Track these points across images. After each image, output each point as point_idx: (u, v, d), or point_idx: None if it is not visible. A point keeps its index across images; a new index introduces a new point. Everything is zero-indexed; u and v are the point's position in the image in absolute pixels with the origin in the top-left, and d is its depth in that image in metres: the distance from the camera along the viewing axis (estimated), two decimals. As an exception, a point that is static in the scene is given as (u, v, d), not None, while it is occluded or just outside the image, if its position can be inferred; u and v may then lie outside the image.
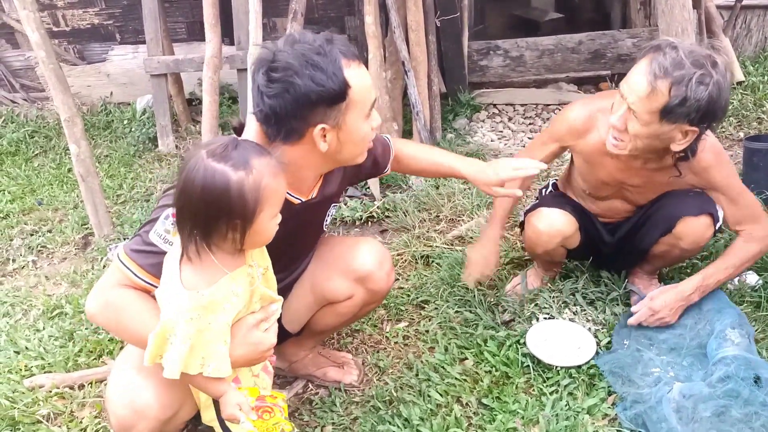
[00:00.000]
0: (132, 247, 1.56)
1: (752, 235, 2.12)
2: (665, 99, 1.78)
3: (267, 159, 1.39)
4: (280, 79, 1.48)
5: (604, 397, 2.05)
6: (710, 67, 1.76)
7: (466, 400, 2.10)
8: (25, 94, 5.21)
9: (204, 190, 1.32)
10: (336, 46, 1.53)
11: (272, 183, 1.37)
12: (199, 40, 4.47)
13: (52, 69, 3.07)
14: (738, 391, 1.87)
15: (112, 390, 1.58)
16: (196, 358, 1.40)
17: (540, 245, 2.32)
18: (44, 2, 4.81)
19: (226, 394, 1.47)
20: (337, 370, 2.25)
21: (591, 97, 2.29)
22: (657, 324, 2.20)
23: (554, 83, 4.63)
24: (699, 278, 2.17)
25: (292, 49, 1.50)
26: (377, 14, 3.64)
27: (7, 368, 2.41)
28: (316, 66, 1.48)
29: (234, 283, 1.43)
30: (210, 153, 1.34)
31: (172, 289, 1.41)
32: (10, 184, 4.07)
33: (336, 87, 1.51)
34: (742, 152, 3.16)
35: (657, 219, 2.19)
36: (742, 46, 4.63)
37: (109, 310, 1.55)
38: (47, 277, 3.12)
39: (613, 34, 4.48)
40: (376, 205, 3.34)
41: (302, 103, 1.50)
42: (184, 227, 1.39)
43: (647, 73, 1.80)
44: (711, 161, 2.03)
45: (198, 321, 1.38)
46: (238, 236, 1.38)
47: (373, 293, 1.98)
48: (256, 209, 1.35)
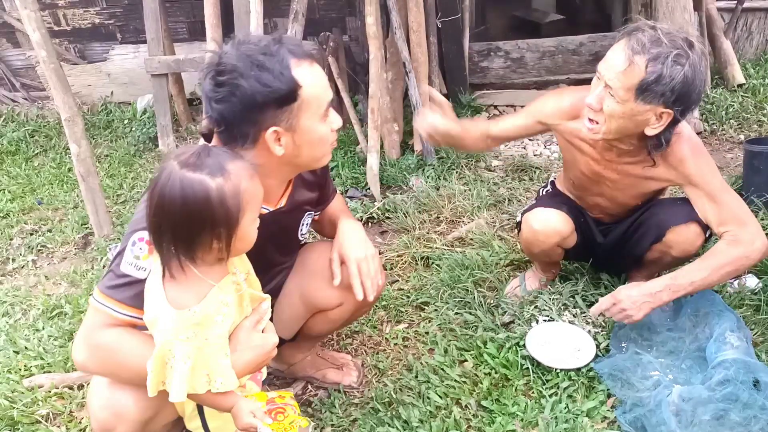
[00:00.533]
0: (106, 284, 1.49)
1: (737, 237, 1.99)
2: (642, 75, 1.80)
3: (241, 162, 1.36)
4: (226, 83, 1.43)
5: (604, 400, 2.05)
6: (687, 47, 1.79)
7: (466, 402, 2.09)
8: (25, 93, 5.21)
9: (185, 203, 1.27)
10: (285, 45, 1.47)
11: (250, 186, 1.35)
12: (200, 40, 4.47)
13: (53, 68, 3.07)
14: (737, 395, 1.87)
15: (92, 394, 1.57)
16: (201, 376, 1.37)
17: (536, 245, 2.32)
18: (45, 1, 4.81)
19: (236, 404, 1.43)
20: (336, 371, 2.25)
21: (578, 87, 2.29)
22: (620, 318, 2.09)
23: (555, 85, 4.63)
24: (669, 277, 2.07)
25: (237, 51, 1.44)
26: (378, 15, 3.63)
27: (7, 368, 2.41)
28: (262, 66, 1.43)
29: (222, 294, 1.40)
30: (183, 163, 1.29)
31: (160, 311, 1.36)
32: (10, 184, 4.07)
33: (284, 87, 1.45)
34: (742, 155, 3.16)
35: (647, 227, 2.20)
36: (743, 49, 4.63)
37: (99, 355, 1.48)
38: (47, 277, 3.12)
39: (614, 35, 4.42)
40: (376, 206, 3.34)
41: (250, 105, 1.44)
42: (162, 244, 1.34)
43: (625, 49, 1.82)
44: (686, 153, 2.00)
45: (194, 339, 1.34)
46: (223, 245, 1.34)
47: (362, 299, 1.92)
48: (238, 215, 1.32)
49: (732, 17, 4.47)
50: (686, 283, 2.02)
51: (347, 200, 3.45)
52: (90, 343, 1.49)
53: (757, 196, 2.89)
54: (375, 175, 3.49)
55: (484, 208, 3.25)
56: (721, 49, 4.30)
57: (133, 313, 1.48)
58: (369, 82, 3.67)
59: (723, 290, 2.41)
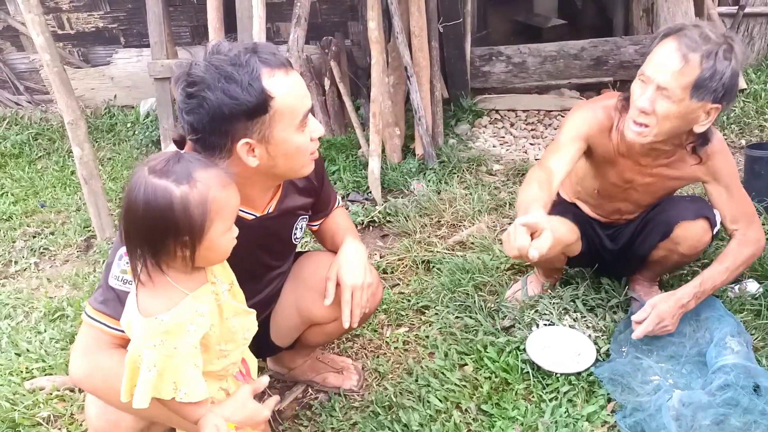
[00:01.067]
0: (97, 299, 1.49)
1: (746, 237, 2.12)
2: (697, 71, 1.80)
3: (213, 171, 1.32)
4: (194, 94, 1.39)
5: (604, 404, 2.05)
6: (732, 44, 1.81)
7: (466, 406, 2.10)
8: (29, 97, 5.23)
9: (147, 208, 1.26)
10: (257, 54, 1.42)
11: (220, 195, 1.31)
12: (203, 43, 4.49)
13: (57, 72, 3.09)
14: (737, 400, 1.87)
15: (89, 402, 1.57)
16: (167, 383, 1.34)
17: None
18: (49, 5, 4.83)
19: (204, 417, 1.41)
20: (336, 375, 2.26)
21: (594, 99, 2.27)
22: (660, 332, 2.17)
23: (556, 89, 4.63)
24: (696, 284, 2.13)
25: (207, 62, 1.41)
26: (380, 20, 3.65)
27: (8, 370, 2.42)
28: (230, 78, 1.38)
29: (197, 303, 1.36)
30: (151, 169, 1.27)
31: (132, 317, 1.35)
32: (13, 186, 4.08)
33: (252, 99, 1.40)
34: (743, 160, 3.16)
35: (655, 224, 2.20)
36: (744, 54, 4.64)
37: (98, 376, 1.47)
38: (49, 280, 3.13)
39: (616, 40, 4.49)
40: (377, 210, 3.34)
41: (217, 117, 1.40)
42: (132, 249, 1.33)
43: (677, 49, 1.80)
44: (717, 148, 2.05)
45: (162, 347, 1.32)
46: (188, 253, 1.31)
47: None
48: (204, 224, 1.29)
49: (733, 22, 4.47)
50: (710, 288, 2.14)
51: (348, 204, 3.46)
52: (90, 362, 1.47)
53: (758, 201, 2.89)
54: (376, 178, 3.49)
55: (485, 212, 3.26)
56: (722, 54, 4.31)
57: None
58: (371, 86, 3.68)
59: (723, 295, 2.42)
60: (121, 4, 4.85)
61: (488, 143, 4.10)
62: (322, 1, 4.62)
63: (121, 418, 1.50)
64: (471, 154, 3.87)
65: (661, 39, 1.87)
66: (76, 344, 1.53)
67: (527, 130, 4.28)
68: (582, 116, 2.11)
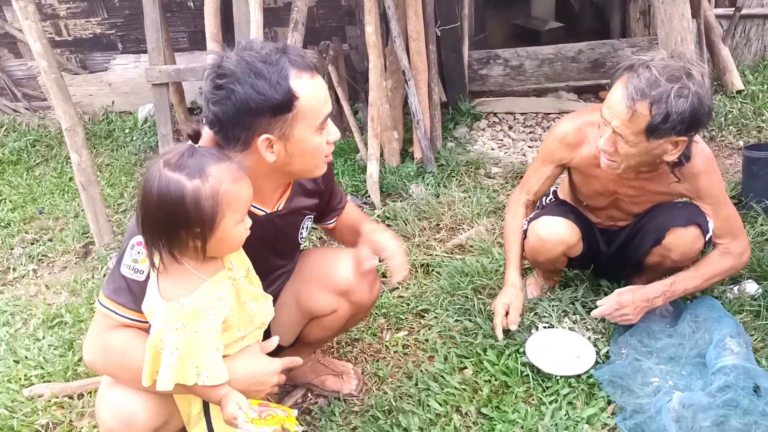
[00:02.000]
0: (109, 288, 1.55)
1: (729, 250, 2.16)
2: (647, 119, 1.81)
3: (226, 164, 1.37)
4: (223, 86, 1.45)
5: (604, 406, 2.04)
6: (686, 79, 1.78)
7: (466, 410, 2.09)
8: (26, 103, 5.23)
9: (160, 201, 1.32)
10: (287, 55, 1.49)
11: (232, 188, 1.36)
12: (200, 49, 4.49)
13: (54, 78, 3.09)
14: (737, 401, 1.87)
15: (100, 402, 1.58)
16: (190, 368, 1.40)
17: (543, 253, 2.32)
18: (47, 12, 4.84)
19: (226, 396, 1.46)
20: (336, 379, 2.25)
21: (576, 112, 2.33)
22: (620, 320, 2.22)
23: (554, 92, 4.64)
24: (667, 283, 2.19)
25: (238, 57, 1.47)
26: (378, 24, 3.65)
27: (7, 377, 2.42)
28: (259, 74, 1.45)
29: (216, 288, 1.42)
30: (166, 163, 1.33)
31: (154, 302, 1.41)
32: (11, 193, 4.08)
33: (279, 97, 1.46)
34: (741, 161, 3.16)
35: (647, 230, 2.21)
36: (741, 55, 4.64)
37: (107, 356, 1.54)
38: (47, 286, 3.12)
39: (613, 43, 4.50)
40: (376, 214, 3.34)
41: (243, 110, 1.46)
42: (147, 238, 1.38)
43: (625, 98, 1.82)
44: (701, 167, 2.05)
45: (183, 331, 1.37)
46: (199, 244, 1.37)
47: (357, 306, 1.95)
48: (215, 217, 1.34)
49: (730, 24, 4.48)
50: (680, 290, 2.20)
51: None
52: (99, 344, 1.54)
53: (756, 202, 2.90)
54: (375, 182, 3.49)
55: (483, 215, 3.25)
56: (719, 55, 4.31)
57: (135, 317, 1.52)
58: (369, 91, 3.68)
59: (722, 296, 2.41)
60: (119, 10, 4.86)
61: (486, 146, 4.10)
62: (320, 5, 4.63)
63: (135, 418, 1.51)
64: (469, 157, 3.86)
65: (619, 75, 1.87)
66: (89, 331, 1.59)
67: (525, 132, 4.28)
68: (554, 137, 2.23)
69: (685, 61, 1.83)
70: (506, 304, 2.30)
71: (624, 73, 1.86)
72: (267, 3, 4.34)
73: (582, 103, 4.49)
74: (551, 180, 2.34)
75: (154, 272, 1.42)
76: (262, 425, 1.44)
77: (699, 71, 1.83)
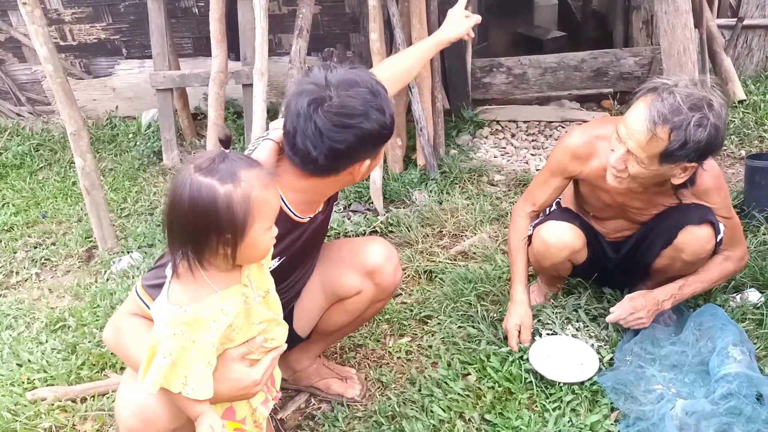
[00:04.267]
0: (149, 282, 1.57)
1: (731, 255, 2.23)
2: (665, 144, 1.83)
3: (257, 171, 1.36)
4: (349, 124, 1.53)
5: (607, 413, 2.05)
6: (707, 109, 1.80)
7: (469, 416, 2.09)
8: (30, 108, 5.24)
9: (191, 205, 1.29)
10: (380, 84, 1.59)
11: (262, 194, 1.35)
12: (205, 55, 4.50)
13: (59, 83, 3.10)
14: (740, 409, 1.87)
15: (121, 400, 1.57)
16: (179, 376, 1.37)
17: (548, 258, 2.32)
18: (52, 17, 4.85)
19: (202, 415, 1.43)
20: (340, 383, 2.26)
21: (585, 125, 2.33)
22: (633, 324, 2.25)
23: (557, 100, 4.66)
24: (675, 287, 2.24)
25: (354, 92, 1.54)
26: (382, 31, 3.67)
27: (10, 381, 2.42)
28: (379, 109, 1.55)
29: (224, 302, 1.39)
30: (197, 168, 1.31)
31: (160, 304, 1.40)
32: (14, 197, 4.09)
33: (390, 125, 1.59)
34: (743, 170, 3.17)
35: (659, 230, 2.21)
36: (743, 65, 4.66)
37: (115, 335, 1.57)
38: (50, 290, 3.13)
39: (616, 52, 4.51)
40: (379, 220, 3.35)
41: (366, 144, 1.57)
42: (173, 243, 1.37)
43: (646, 120, 1.83)
44: (711, 185, 2.10)
45: (181, 337, 1.35)
46: (229, 251, 1.34)
47: (381, 288, 2.01)
48: (246, 222, 1.32)
49: (732, 34, 4.50)
50: (689, 293, 2.26)
51: (350, 214, 3.46)
52: (116, 324, 1.59)
53: (759, 211, 2.91)
54: (378, 189, 3.50)
55: (486, 222, 3.26)
56: (721, 65, 4.33)
57: None
58: (372, 98, 3.69)
59: (725, 305, 2.42)
60: (124, 15, 4.88)
61: (489, 154, 4.11)
62: (324, 12, 4.65)
63: (155, 417, 1.50)
64: (472, 164, 3.88)
65: (642, 95, 1.89)
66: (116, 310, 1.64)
67: (528, 140, 4.30)
68: (564, 150, 2.23)
69: (707, 91, 1.85)
70: (518, 325, 2.31)
71: (647, 94, 1.87)
72: (272, 10, 4.36)
73: (584, 111, 4.50)
74: (558, 192, 2.34)
75: (173, 277, 1.41)
76: None
77: (719, 102, 1.84)
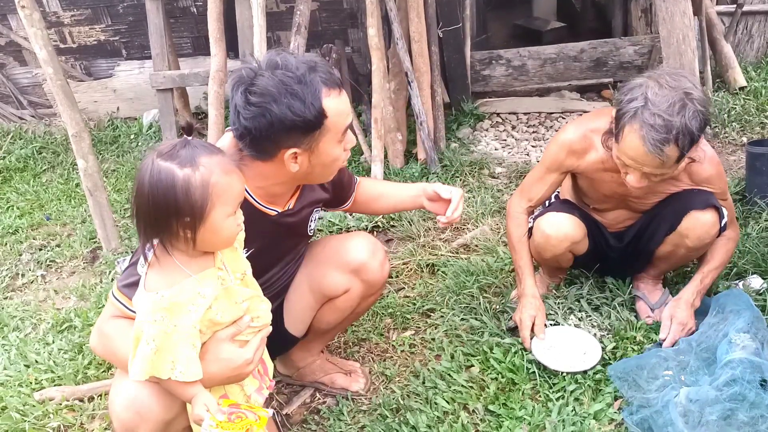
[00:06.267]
0: (123, 282, 1.59)
1: (731, 236, 2.28)
2: (677, 153, 1.87)
3: (218, 157, 1.40)
4: (258, 104, 1.52)
5: (611, 402, 2.05)
6: (689, 103, 1.83)
7: (473, 407, 2.10)
8: (32, 111, 5.26)
9: (151, 189, 1.34)
10: (318, 74, 1.57)
11: (222, 180, 1.38)
12: (204, 54, 4.52)
13: (60, 85, 3.11)
14: (744, 395, 1.87)
15: (114, 395, 1.59)
16: (165, 361, 1.40)
17: (548, 250, 2.33)
18: (51, 20, 4.87)
19: (196, 396, 1.46)
20: (344, 377, 2.27)
21: (578, 119, 2.34)
22: (685, 335, 2.23)
23: (557, 91, 4.65)
24: (697, 282, 2.26)
25: (273, 75, 1.53)
26: (380, 26, 3.67)
27: (18, 381, 2.44)
28: (295, 95, 1.52)
29: (200, 285, 1.43)
30: (159, 153, 1.37)
31: (139, 293, 1.44)
32: (18, 200, 4.11)
33: (312, 117, 1.55)
34: (744, 157, 3.17)
35: (662, 217, 2.22)
36: (743, 52, 4.64)
37: (102, 341, 1.60)
38: (56, 291, 3.15)
39: (615, 41, 4.51)
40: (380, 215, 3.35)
41: (277, 128, 1.54)
42: (139, 229, 1.41)
43: (649, 151, 1.85)
44: (711, 172, 2.13)
45: (162, 323, 1.39)
46: (189, 234, 1.38)
47: (369, 284, 2.01)
48: (205, 206, 1.36)
49: (732, 21, 4.48)
50: (708, 282, 2.28)
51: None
52: (99, 330, 1.61)
53: (761, 197, 2.91)
54: (379, 184, 3.51)
55: (488, 214, 3.27)
56: (721, 52, 4.31)
57: None
58: (372, 93, 3.70)
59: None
60: (122, 16, 4.90)
61: (490, 146, 4.11)
62: (322, 9, 4.65)
63: (148, 410, 1.52)
64: (473, 157, 3.88)
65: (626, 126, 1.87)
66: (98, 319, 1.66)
67: (529, 132, 4.30)
68: (560, 145, 2.22)
69: (677, 83, 1.85)
70: (532, 317, 2.28)
71: (629, 122, 1.87)
72: (270, 7, 4.37)
73: (585, 102, 4.50)
74: (554, 187, 2.34)
75: (149, 266, 1.44)
76: (227, 429, 1.42)
77: (692, 84, 1.87)
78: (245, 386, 1.58)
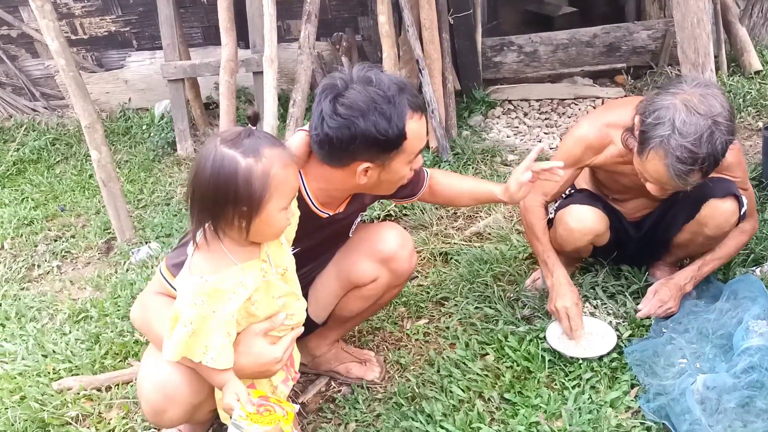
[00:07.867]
0: (173, 261, 1.61)
1: (746, 228, 2.25)
2: (700, 176, 1.86)
3: (279, 149, 1.41)
4: (345, 115, 1.56)
5: (627, 389, 2.05)
6: (716, 132, 1.78)
7: (488, 395, 2.11)
8: (45, 103, 5.28)
9: (212, 174, 1.35)
10: (406, 96, 1.61)
11: (281, 173, 1.39)
12: (214, 44, 4.51)
13: (72, 77, 3.12)
14: (762, 382, 1.86)
15: (143, 377, 1.61)
16: (199, 345, 1.42)
17: (571, 242, 2.31)
18: (62, 11, 4.88)
19: (227, 383, 1.47)
20: (359, 366, 2.27)
21: (593, 113, 2.32)
22: (664, 314, 2.25)
23: (569, 77, 4.61)
24: (695, 268, 2.26)
25: (365, 90, 1.57)
26: (390, 14, 3.65)
27: (36, 371, 2.46)
28: (383, 114, 1.57)
29: (243, 274, 1.44)
30: (223, 140, 1.37)
31: (182, 275, 1.46)
32: (33, 191, 4.13)
33: (394, 137, 1.60)
34: (761, 142, 3.13)
35: (681, 205, 2.19)
36: (759, 35, 4.58)
37: (141, 314, 1.63)
38: (72, 282, 3.17)
39: (628, 26, 4.46)
40: (393, 203, 3.35)
41: (358, 142, 1.59)
42: (193, 212, 1.42)
43: (673, 178, 1.83)
44: (732, 160, 2.07)
45: (201, 307, 1.40)
46: (244, 223, 1.39)
47: (396, 275, 2.02)
48: (263, 197, 1.37)
49: (747, 4, 4.42)
50: (707, 271, 2.28)
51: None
52: (141, 302, 1.65)
53: (777, 183, 2.88)
54: (391, 172, 3.50)
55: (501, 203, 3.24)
56: (736, 36, 4.26)
57: None
58: (383, 81, 3.68)
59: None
60: (133, 7, 4.89)
61: (502, 134, 4.09)
62: (332, -3, 4.63)
63: (177, 392, 1.54)
64: (485, 145, 3.86)
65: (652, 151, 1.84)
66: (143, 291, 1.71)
67: (541, 119, 4.27)
68: (577, 141, 2.19)
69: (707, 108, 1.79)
70: (567, 308, 2.22)
71: (654, 148, 1.83)
72: (279, -4, 4.35)
73: (597, 87, 4.46)
74: (570, 182, 2.32)
75: (196, 249, 1.46)
76: (256, 423, 1.44)
77: (720, 104, 1.81)
78: (273, 378, 1.59)
